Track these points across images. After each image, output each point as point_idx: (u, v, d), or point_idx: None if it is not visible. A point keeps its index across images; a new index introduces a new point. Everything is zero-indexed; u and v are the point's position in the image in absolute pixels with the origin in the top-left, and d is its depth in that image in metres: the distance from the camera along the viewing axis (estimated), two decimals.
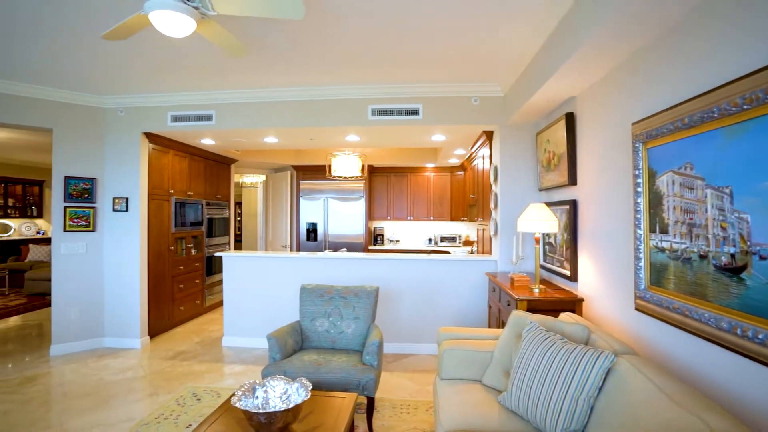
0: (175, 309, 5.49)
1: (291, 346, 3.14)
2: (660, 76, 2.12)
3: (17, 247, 9.66)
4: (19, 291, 8.12)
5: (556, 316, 2.62)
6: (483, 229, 5.46)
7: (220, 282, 6.66)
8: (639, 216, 2.27)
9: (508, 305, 3.31)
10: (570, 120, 3.20)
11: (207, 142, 5.44)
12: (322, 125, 4.45)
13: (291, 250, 7.61)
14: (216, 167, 6.55)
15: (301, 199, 7.54)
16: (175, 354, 4.53)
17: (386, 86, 4.28)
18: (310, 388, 2.04)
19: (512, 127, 4.30)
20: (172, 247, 5.40)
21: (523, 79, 3.59)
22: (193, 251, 5.88)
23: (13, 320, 6.06)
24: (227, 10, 2.16)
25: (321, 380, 2.79)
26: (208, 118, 4.57)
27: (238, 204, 10.82)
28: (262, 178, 8.53)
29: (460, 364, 2.60)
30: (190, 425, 2.99)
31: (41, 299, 7.37)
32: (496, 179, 4.47)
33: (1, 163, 9.06)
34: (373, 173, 7.80)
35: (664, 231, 2.05)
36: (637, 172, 2.28)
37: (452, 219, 7.75)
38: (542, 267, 3.93)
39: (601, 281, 2.79)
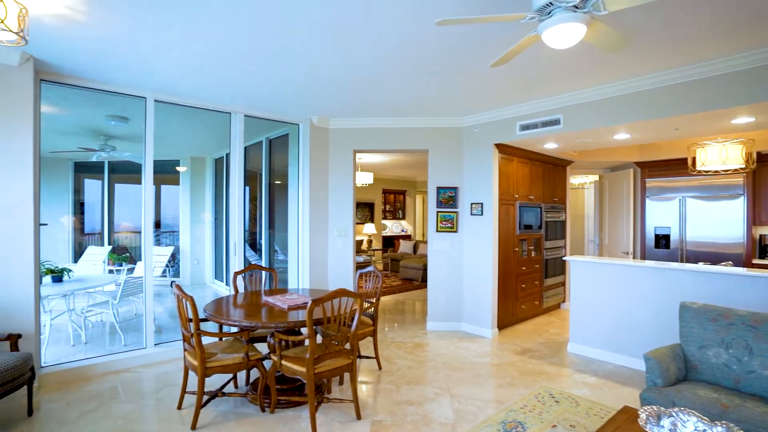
0: (517, 306, 5.84)
1: (673, 372, 2.71)
2: None
3: (392, 241, 12.83)
4: (396, 275, 10.73)
5: None
6: None
7: (556, 285, 6.63)
8: None
9: None
10: None
11: (549, 146, 5.51)
12: (698, 111, 3.66)
13: (634, 257, 6.73)
14: (552, 171, 6.56)
15: (646, 200, 6.55)
16: (523, 350, 4.79)
17: None
18: None
19: None
20: (516, 249, 5.77)
21: None
22: (533, 253, 6.10)
23: (394, 296, 8.03)
24: (621, 4, 2.04)
25: None
26: (556, 122, 4.59)
27: None
28: (593, 178, 7.95)
29: None
30: (555, 426, 3.05)
31: (410, 283, 9.44)
32: None
33: (382, 178, 12.25)
34: (759, 163, 5.88)
35: None
36: None
37: None
38: None
39: None
